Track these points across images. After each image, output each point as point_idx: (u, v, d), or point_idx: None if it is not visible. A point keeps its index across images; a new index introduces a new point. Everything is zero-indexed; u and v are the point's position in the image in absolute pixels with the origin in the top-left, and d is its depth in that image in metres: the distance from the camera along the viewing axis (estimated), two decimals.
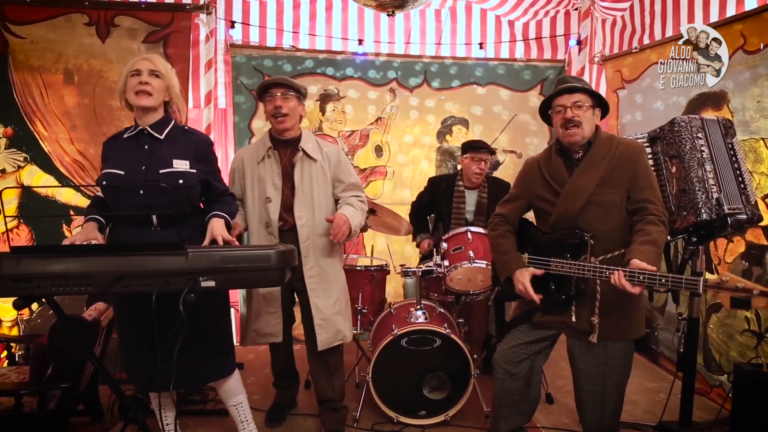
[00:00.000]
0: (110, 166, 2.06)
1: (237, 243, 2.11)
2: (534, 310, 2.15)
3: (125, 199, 2.03)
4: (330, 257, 2.57)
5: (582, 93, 2.04)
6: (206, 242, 2.04)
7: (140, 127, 2.07)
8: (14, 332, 3.73)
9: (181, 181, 2.03)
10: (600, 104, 2.09)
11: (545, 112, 2.18)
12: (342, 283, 2.65)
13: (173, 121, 2.13)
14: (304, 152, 2.53)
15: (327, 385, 2.67)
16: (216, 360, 2.19)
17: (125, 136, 2.11)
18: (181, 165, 2.05)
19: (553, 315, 2.11)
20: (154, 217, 2.02)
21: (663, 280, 1.73)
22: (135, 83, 2.01)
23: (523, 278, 2.09)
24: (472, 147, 3.33)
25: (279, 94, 2.48)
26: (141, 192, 2.00)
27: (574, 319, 2.05)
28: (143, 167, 2.02)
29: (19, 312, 3.68)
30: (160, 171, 2.01)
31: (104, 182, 2.03)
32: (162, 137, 2.07)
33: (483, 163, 3.29)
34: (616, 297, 1.99)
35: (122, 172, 2.02)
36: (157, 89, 2.03)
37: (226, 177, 2.53)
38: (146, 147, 2.06)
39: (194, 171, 2.08)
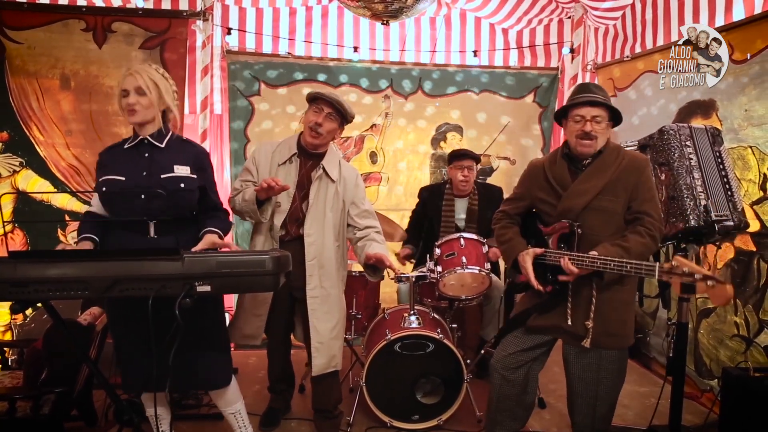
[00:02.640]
0: (108, 172, 2.07)
1: (234, 247, 2.13)
2: (532, 310, 2.17)
3: (125, 206, 2.04)
4: (335, 280, 2.57)
5: (602, 108, 2.06)
6: (198, 248, 2.05)
7: (140, 137, 2.10)
8: (7, 337, 3.73)
9: (182, 185, 2.05)
10: (613, 117, 2.12)
11: (559, 114, 2.20)
12: (343, 309, 2.64)
13: (171, 132, 2.16)
14: (325, 171, 2.53)
15: (323, 395, 2.69)
16: (210, 372, 2.19)
17: (125, 146, 2.13)
18: (182, 170, 2.08)
19: (548, 317, 2.13)
20: (151, 226, 2.02)
21: (612, 265, 1.85)
22: (124, 104, 2.05)
23: (525, 262, 2.12)
24: (455, 156, 3.40)
25: (327, 112, 2.49)
26: (142, 197, 2.01)
27: (569, 322, 2.08)
28: (144, 173, 2.04)
29: (13, 316, 3.68)
30: (162, 176, 2.04)
31: (104, 188, 2.04)
32: (163, 146, 2.10)
33: (467, 170, 3.34)
34: (609, 305, 2.05)
35: (123, 178, 2.04)
36: (144, 106, 2.04)
37: (219, 186, 2.51)
38: (146, 155, 2.08)
39: (195, 176, 2.11)
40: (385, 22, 3.52)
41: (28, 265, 1.63)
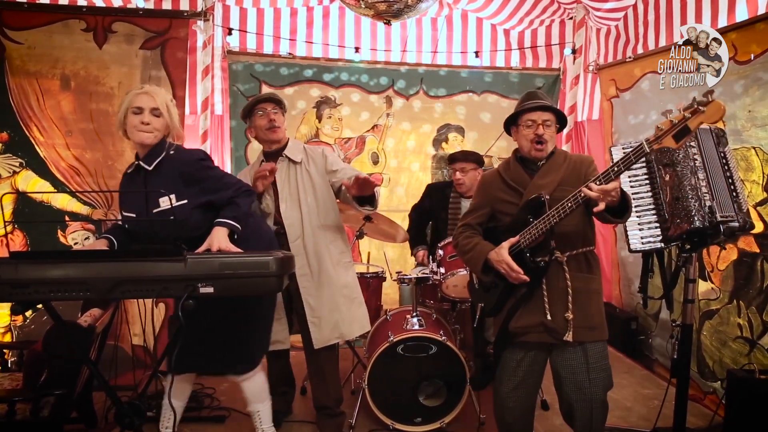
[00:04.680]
0: (123, 207, 2.19)
1: (236, 250, 2.11)
2: (514, 307, 2.14)
3: (142, 236, 2.16)
4: (324, 256, 2.60)
5: (551, 113, 2.19)
6: (201, 249, 2.03)
7: (137, 162, 2.13)
8: (7, 338, 3.71)
9: (172, 218, 2.05)
10: (559, 121, 2.23)
11: (509, 122, 2.31)
12: (340, 282, 2.64)
13: (164, 150, 2.12)
14: (287, 157, 2.64)
15: (323, 391, 2.68)
16: (228, 355, 2.21)
17: (128, 171, 2.20)
18: (166, 202, 2.06)
19: (529, 316, 2.10)
20: None
21: (615, 168, 1.85)
22: (137, 122, 2.05)
23: (501, 256, 2.07)
24: (451, 159, 3.43)
25: (270, 108, 2.64)
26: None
27: (548, 317, 2.06)
28: (144, 205, 2.10)
29: (13, 318, 3.66)
30: (154, 211, 2.08)
31: (126, 225, 2.18)
32: (150, 168, 2.10)
33: (458, 173, 3.35)
34: (585, 295, 2.08)
35: (134, 215, 2.12)
36: (157, 127, 2.08)
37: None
38: (142, 179, 2.12)
39: (184, 202, 2.07)
40: (387, 21, 3.51)
41: (29, 265, 1.62)
